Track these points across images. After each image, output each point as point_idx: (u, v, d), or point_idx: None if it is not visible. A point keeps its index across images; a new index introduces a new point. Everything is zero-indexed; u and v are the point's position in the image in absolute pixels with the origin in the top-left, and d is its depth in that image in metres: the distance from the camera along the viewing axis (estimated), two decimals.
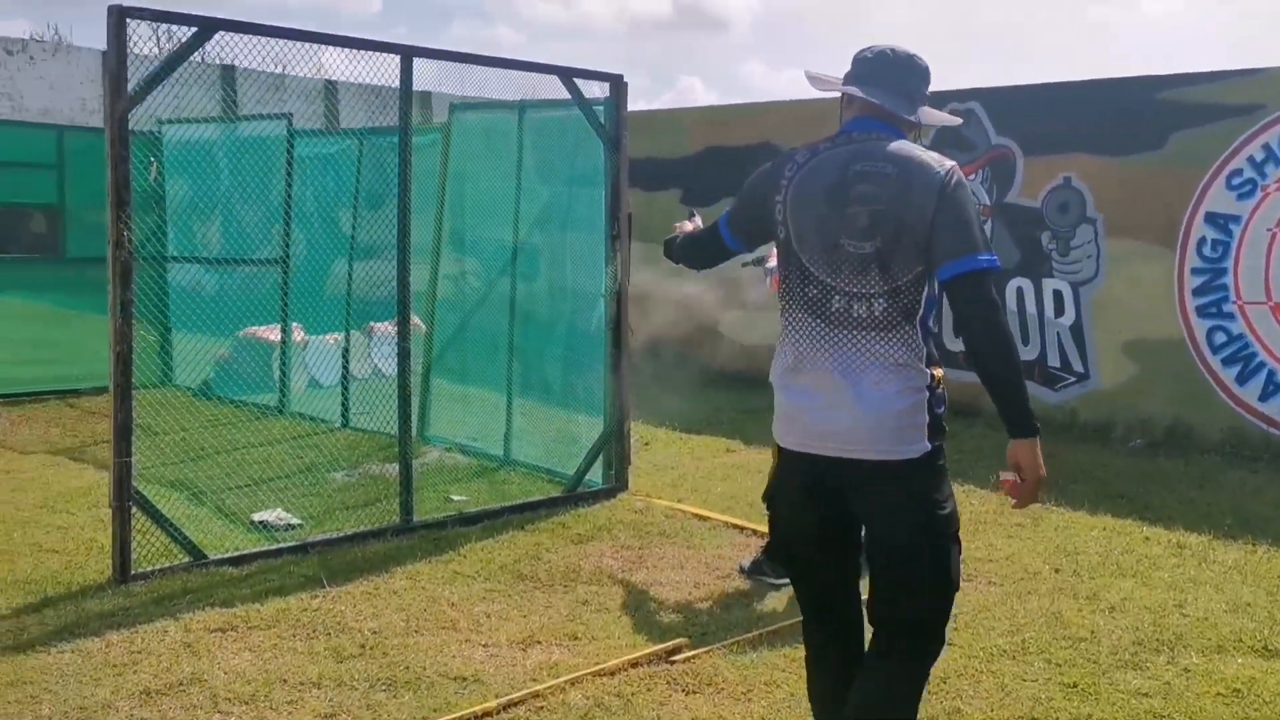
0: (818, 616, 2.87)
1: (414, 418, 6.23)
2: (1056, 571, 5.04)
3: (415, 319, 8.98)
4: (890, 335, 2.59)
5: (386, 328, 9.15)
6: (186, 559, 4.87)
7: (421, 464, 6.58)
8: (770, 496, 2.86)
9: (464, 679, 3.82)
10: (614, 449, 6.35)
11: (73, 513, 5.68)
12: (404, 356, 5.61)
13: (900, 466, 2.58)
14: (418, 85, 5.70)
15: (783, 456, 2.76)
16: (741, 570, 5.03)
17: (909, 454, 2.58)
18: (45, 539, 5.23)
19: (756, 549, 5.21)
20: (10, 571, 4.78)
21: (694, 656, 4.04)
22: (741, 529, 5.70)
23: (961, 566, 2.73)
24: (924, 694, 2.80)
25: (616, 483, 6.34)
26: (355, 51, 5.48)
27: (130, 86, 4.56)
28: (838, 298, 2.61)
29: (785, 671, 3.93)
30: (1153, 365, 7.83)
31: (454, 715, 3.52)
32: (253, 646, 4.06)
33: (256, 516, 5.55)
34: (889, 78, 2.73)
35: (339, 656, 3.98)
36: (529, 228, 6.83)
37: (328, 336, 8.62)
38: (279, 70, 5.59)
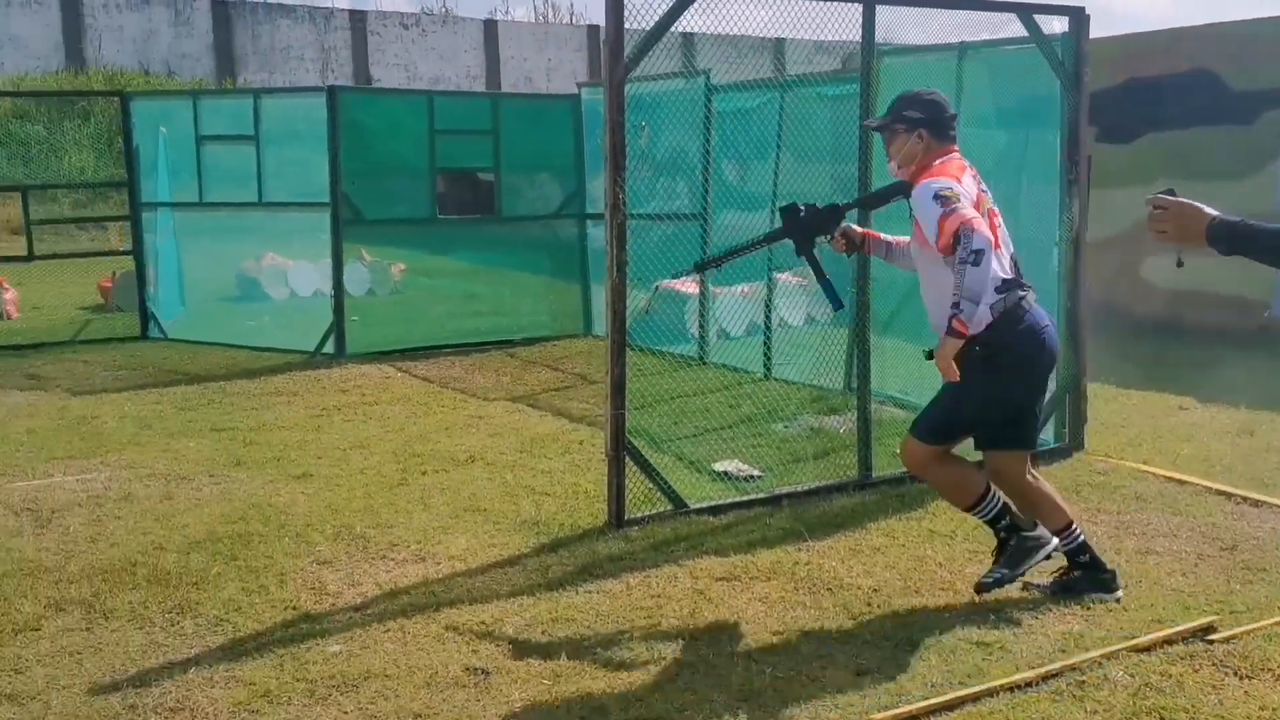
0: None
1: (845, 373, 6.23)
2: None
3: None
4: None
5: (789, 278, 9.22)
6: (669, 507, 5.10)
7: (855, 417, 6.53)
8: None
9: (986, 645, 3.74)
10: (1070, 406, 6.03)
11: (549, 458, 6.10)
12: (863, 310, 5.56)
13: None
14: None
15: None
16: None
17: None
18: (534, 483, 5.64)
19: None
20: (515, 512, 5.20)
21: (1233, 637, 3.74)
22: (1229, 496, 5.25)
23: None
24: None
25: (1072, 442, 6.02)
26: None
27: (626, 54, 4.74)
28: None
29: None
30: None
31: (993, 683, 3.45)
32: (761, 597, 4.18)
33: (718, 466, 5.72)
34: None
35: (850, 614, 4.01)
36: None
37: (736, 288, 8.78)
38: (734, 32, 5.67)
